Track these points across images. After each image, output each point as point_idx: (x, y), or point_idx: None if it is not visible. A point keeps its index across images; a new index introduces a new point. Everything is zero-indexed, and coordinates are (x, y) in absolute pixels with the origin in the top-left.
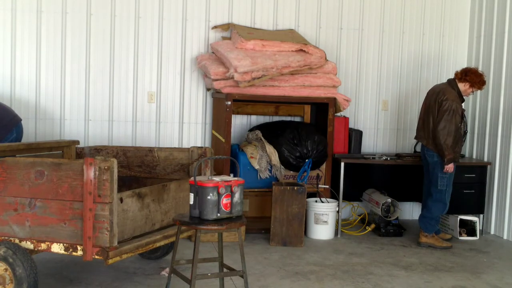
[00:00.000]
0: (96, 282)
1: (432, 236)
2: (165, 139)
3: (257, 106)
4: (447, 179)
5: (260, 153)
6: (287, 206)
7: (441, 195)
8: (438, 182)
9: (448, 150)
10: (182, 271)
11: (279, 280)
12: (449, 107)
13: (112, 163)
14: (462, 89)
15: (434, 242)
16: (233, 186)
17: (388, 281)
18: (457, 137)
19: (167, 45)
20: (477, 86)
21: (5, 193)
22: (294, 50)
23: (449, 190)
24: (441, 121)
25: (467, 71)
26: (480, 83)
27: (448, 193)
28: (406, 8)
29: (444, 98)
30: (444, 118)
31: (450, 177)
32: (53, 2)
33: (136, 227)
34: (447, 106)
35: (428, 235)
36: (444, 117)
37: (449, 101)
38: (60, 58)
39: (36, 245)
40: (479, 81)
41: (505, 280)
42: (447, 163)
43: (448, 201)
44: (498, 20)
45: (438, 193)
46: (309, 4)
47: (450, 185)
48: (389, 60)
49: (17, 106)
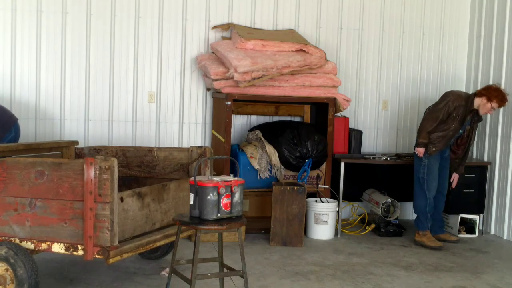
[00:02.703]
0: (96, 282)
1: (424, 235)
2: (165, 139)
3: (257, 106)
4: (424, 167)
5: (260, 153)
6: (287, 206)
7: (421, 187)
8: (416, 170)
9: (423, 133)
10: (182, 271)
11: (279, 280)
12: (445, 99)
13: (113, 163)
14: (479, 103)
15: (425, 240)
16: (233, 186)
17: (388, 281)
18: (444, 133)
19: (167, 45)
20: (496, 101)
21: (5, 193)
22: (294, 50)
23: (430, 184)
24: (431, 107)
25: (487, 87)
26: (498, 98)
27: (429, 187)
28: (406, 8)
29: (447, 95)
30: (435, 106)
31: (429, 168)
32: (53, 2)
33: (136, 227)
34: (443, 98)
35: (420, 233)
36: (436, 105)
37: (448, 97)
38: (60, 58)
39: (37, 245)
40: (497, 95)
41: (505, 280)
42: (417, 146)
43: (430, 195)
44: (498, 20)
45: (417, 184)
46: (309, 4)
47: (430, 179)
48: (389, 60)
49: (17, 106)
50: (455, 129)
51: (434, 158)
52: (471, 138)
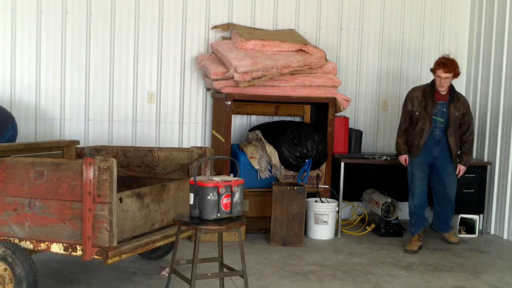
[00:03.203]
0: (96, 282)
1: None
2: (165, 139)
3: (257, 106)
4: (409, 174)
5: (260, 153)
6: (287, 206)
7: (409, 189)
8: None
9: (396, 141)
10: (182, 271)
11: (279, 280)
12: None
13: (112, 163)
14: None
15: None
16: (233, 186)
17: (388, 281)
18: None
19: (167, 45)
20: (436, 68)
21: (4, 193)
22: (294, 50)
23: (413, 191)
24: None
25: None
26: (435, 64)
27: (412, 195)
28: (406, 8)
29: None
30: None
31: (412, 175)
32: (53, 2)
33: (135, 227)
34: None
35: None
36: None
37: (406, 97)
38: (60, 58)
39: (36, 245)
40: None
41: (505, 280)
42: (396, 156)
43: (411, 204)
44: (498, 19)
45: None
46: (309, 4)
47: (413, 186)
48: (389, 60)
49: (17, 106)
50: (424, 122)
51: (417, 163)
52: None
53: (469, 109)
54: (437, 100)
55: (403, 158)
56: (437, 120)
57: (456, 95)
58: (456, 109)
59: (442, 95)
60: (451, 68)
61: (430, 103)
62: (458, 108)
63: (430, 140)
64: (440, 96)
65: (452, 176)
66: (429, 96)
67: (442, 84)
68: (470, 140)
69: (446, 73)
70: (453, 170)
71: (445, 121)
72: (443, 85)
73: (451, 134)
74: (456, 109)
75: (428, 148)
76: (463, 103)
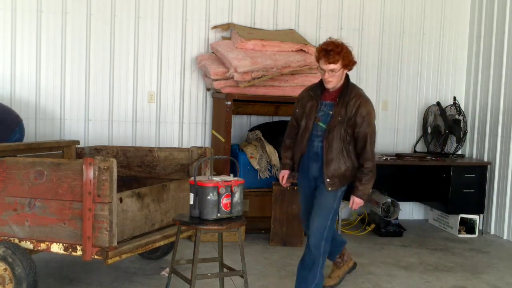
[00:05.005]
0: (96, 282)
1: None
2: (165, 139)
3: (257, 106)
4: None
5: (260, 153)
6: (287, 206)
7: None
8: None
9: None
10: (182, 271)
11: (279, 280)
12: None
13: (112, 163)
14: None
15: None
16: (233, 186)
17: (388, 281)
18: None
19: (167, 45)
20: (317, 59)
21: (4, 193)
22: (294, 50)
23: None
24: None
25: None
26: (316, 52)
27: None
28: (406, 8)
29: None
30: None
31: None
32: (53, 2)
33: (135, 227)
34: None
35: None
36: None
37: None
38: (60, 58)
39: (36, 245)
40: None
41: (505, 280)
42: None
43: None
44: (498, 20)
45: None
46: (309, 4)
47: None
48: (389, 60)
49: (17, 106)
50: (306, 128)
51: (299, 183)
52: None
53: (369, 117)
54: (324, 100)
55: (281, 175)
56: (319, 126)
57: (349, 93)
58: (344, 112)
59: (331, 93)
60: (337, 57)
61: (314, 104)
62: (349, 111)
63: (308, 153)
64: (329, 95)
65: (322, 208)
66: (316, 94)
67: (328, 79)
68: (367, 167)
69: (330, 63)
70: (326, 199)
71: (324, 126)
72: (329, 80)
73: (329, 146)
74: (345, 112)
75: (307, 164)
76: (357, 106)
